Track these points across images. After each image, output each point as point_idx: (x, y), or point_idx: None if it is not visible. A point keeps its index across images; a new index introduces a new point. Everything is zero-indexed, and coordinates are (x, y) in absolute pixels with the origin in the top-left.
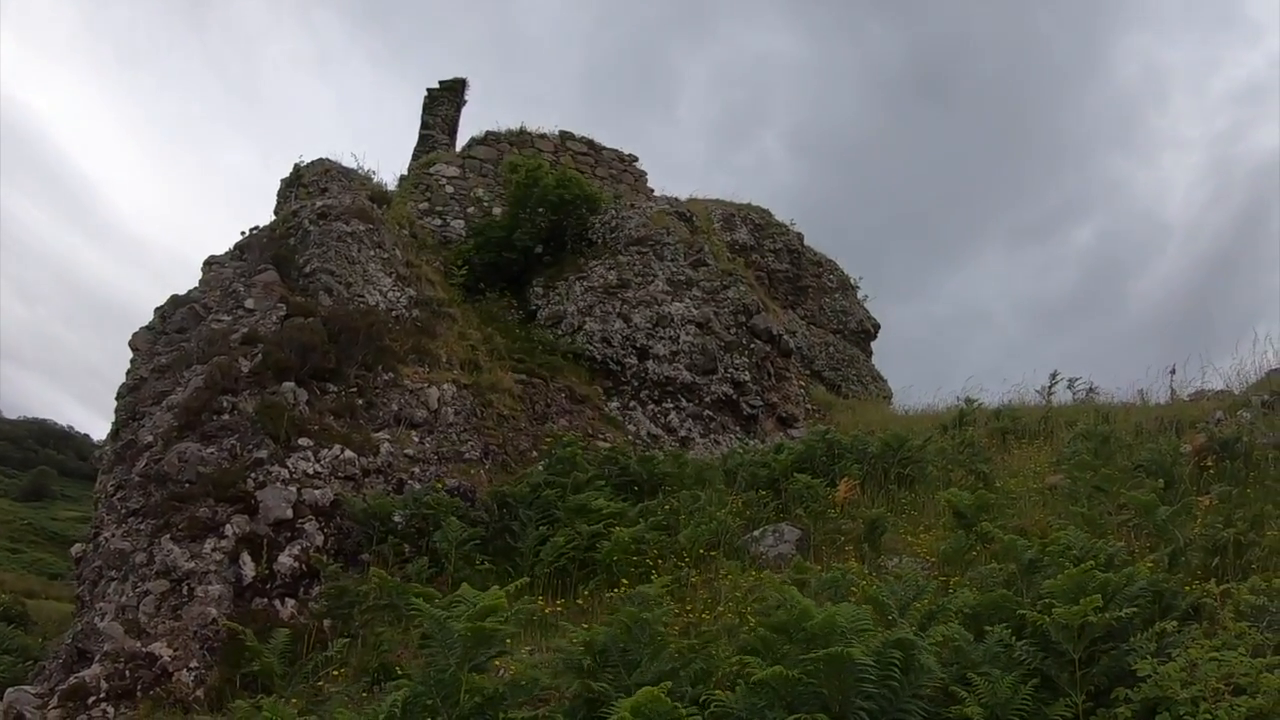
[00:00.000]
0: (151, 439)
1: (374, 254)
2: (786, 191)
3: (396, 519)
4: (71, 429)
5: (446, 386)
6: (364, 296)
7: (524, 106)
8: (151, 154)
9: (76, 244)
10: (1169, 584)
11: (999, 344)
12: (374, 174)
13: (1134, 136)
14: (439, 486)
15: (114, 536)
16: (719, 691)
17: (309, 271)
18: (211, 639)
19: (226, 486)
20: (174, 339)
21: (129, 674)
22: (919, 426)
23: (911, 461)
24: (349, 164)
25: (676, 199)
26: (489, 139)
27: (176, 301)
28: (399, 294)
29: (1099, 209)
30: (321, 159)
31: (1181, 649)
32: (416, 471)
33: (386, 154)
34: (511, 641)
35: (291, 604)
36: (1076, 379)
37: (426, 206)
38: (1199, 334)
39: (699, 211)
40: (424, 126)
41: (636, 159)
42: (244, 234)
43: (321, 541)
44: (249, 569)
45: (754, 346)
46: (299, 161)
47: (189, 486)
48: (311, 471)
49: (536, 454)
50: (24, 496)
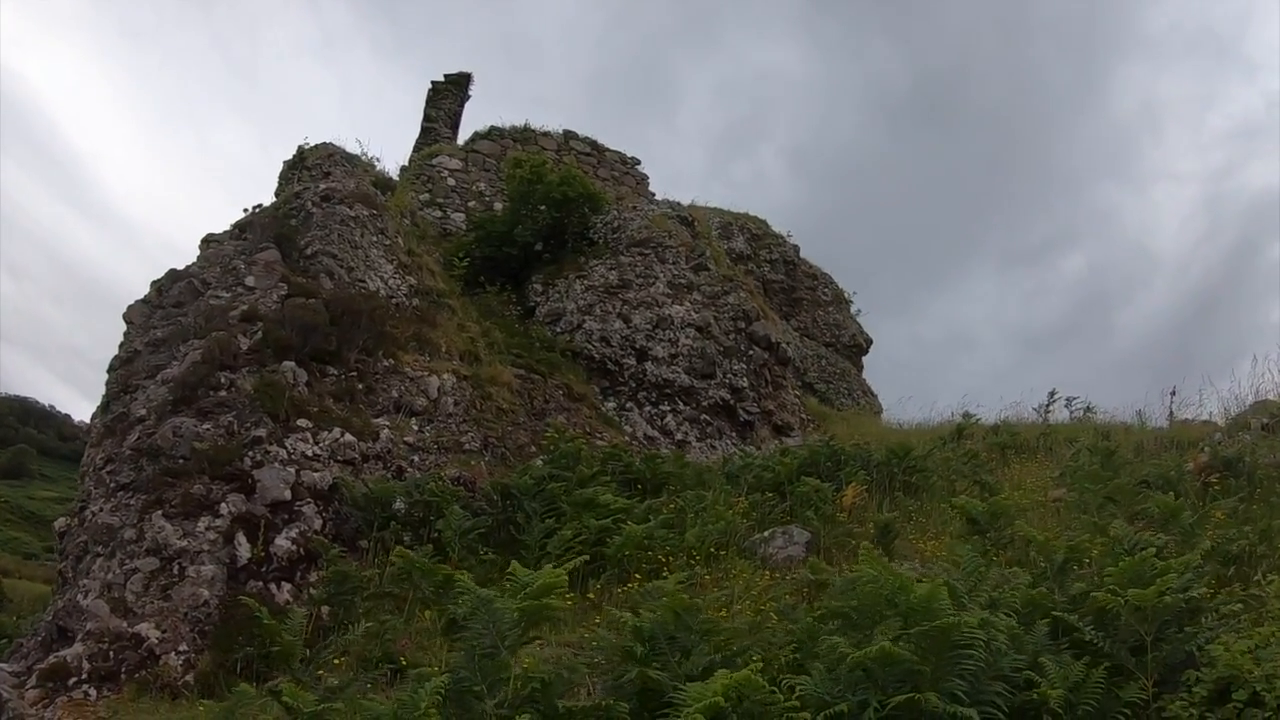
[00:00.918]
0: (144, 413)
1: (376, 240)
2: (782, 206)
3: (398, 506)
4: (53, 408)
5: (446, 376)
6: (365, 281)
7: (526, 106)
8: (148, 133)
9: (67, 221)
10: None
11: (984, 368)
12: (377, 161)
13: (1128, 167)
14: (441, 475)
15: (102, 511)
16: (791, 675)
17: (310, 253)
18: (202, 621)
19: (222, 464)
20: (170, 313)
21: (113, 655)
22: (916, 439)
23: (916, 470)
24: (353, 150)
25: (678, 203)
26: (493, 134)
27: (174, 276)
28: (399, 281)
29: (1090, 238)
30: (325, 143)
31: (1245, 632)
32: (416, 460)
33: (385, 144)
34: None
35: (288, 588)
36: (1074, 398)
37: (428, 198)
38: (1182, 368)
39: (697, 218)
40: (426, 119)
41: (639, 162)
42: (246, 212)
43: (320, 526)
44: (244, 550)
45: (752, 353)
46: (303, 144)
47: (183, 462)
48: (310, 454)
49: (535, 449)
50: (2, 475)
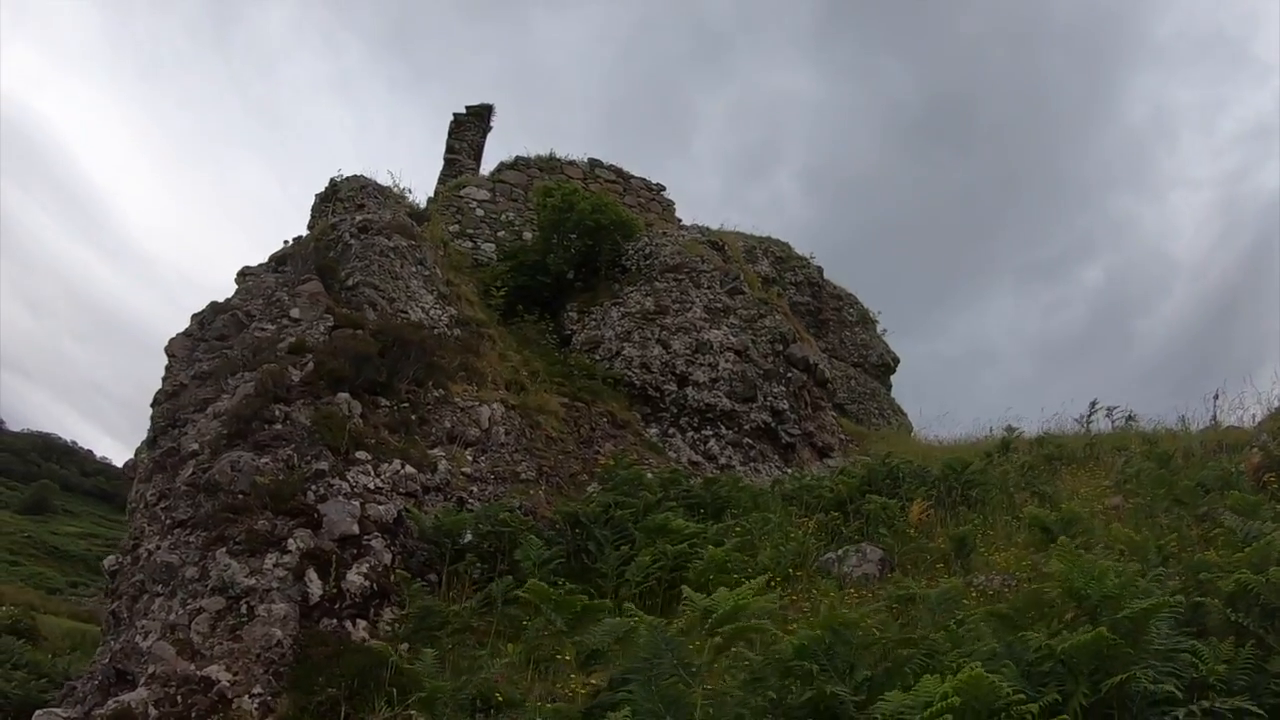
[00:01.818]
0: (197, 447)
1: (415, 270)
2: (798, 229)
3: (469, 537)
4: (75, 444)
5: (496, 406)
6: (407, 312)
7: (542, 137)
8: (166, 170)
9: (87, 258)
10: None
11: (1005, 382)
12: (409, 192)
13: (1143, 176)
14: (508, 505)
15: (160, 549)
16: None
17: (351, 285)
18: (276, 662)
19: (285, 498)
20: (214, 346)
21: (181, 699)
22: (962, 455)
23: (976, 484)
24: (384, 182)
25: (707, 228)
26: (519, 164)
27: (216, 308)
28: (440, 312)
29: (1107, 248)
30: (357, 175)
31: None
32: (475, 490)
33: (405, 178)
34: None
35: (363, 625)
36: (1114, 407)
37: (457, 229)
38: (1204, 374)
39: (726, 242)
40: (449, 151)
41: (664, 188)
42: (286, 243)
43: (389, 560)
44: (316, 587)
45: (791, 375)
46: (336, 176)
47: (242, 498)
48: (372, 486)
49: (587, 477)
50: (25, 510)
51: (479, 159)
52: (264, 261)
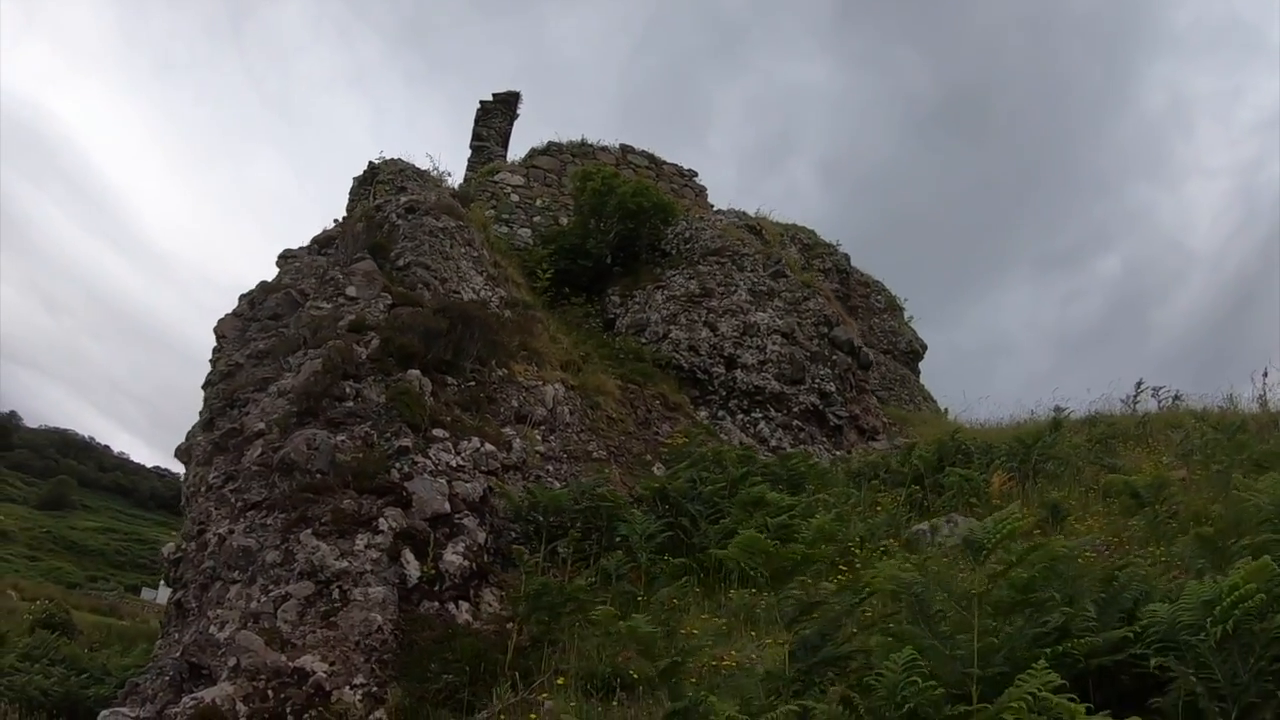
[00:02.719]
0: (263, 426)
1: (465, 251)
2: (815, 220)
3: (567, 514)
4: (93, 440)
5: (557, 386)
6: (459, 293)
7: (560, 129)
8: (183, 167)
9: (103, 256)
10: None
11: (1022, 374)
12: (448, 175)
13: (1160, 166)
14: (600, 481)
15: (234, 534)
16: None
17: (402, 265)
18: (378, 649)
19: (369, 476)
20: (267, 325)
21: (272, 694)
22: (1008, 436)
23: (1049, 457)
24: (423, 166)
25: (744, 212)
26: (551, 149)
27: (267, 288)
28: (490, 293)
29: (1125, 238)
30: (396, 158)
31: None
32: (550, 469)
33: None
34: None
35: (465, 607)
36: (1160, 387)
37: (493, 214)
38: (1223, 363)
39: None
40: (476, 138)
41: (696, 174)
42: (336, 221)
43: (482, 539)
44: (413, 568)
45: (836, 358)
46: (375, 160)
47: (321, 477)
48: (454, 464)
49: (650, 458)
50: (44, 505)
51: (506, 146)
52: (305, 245)
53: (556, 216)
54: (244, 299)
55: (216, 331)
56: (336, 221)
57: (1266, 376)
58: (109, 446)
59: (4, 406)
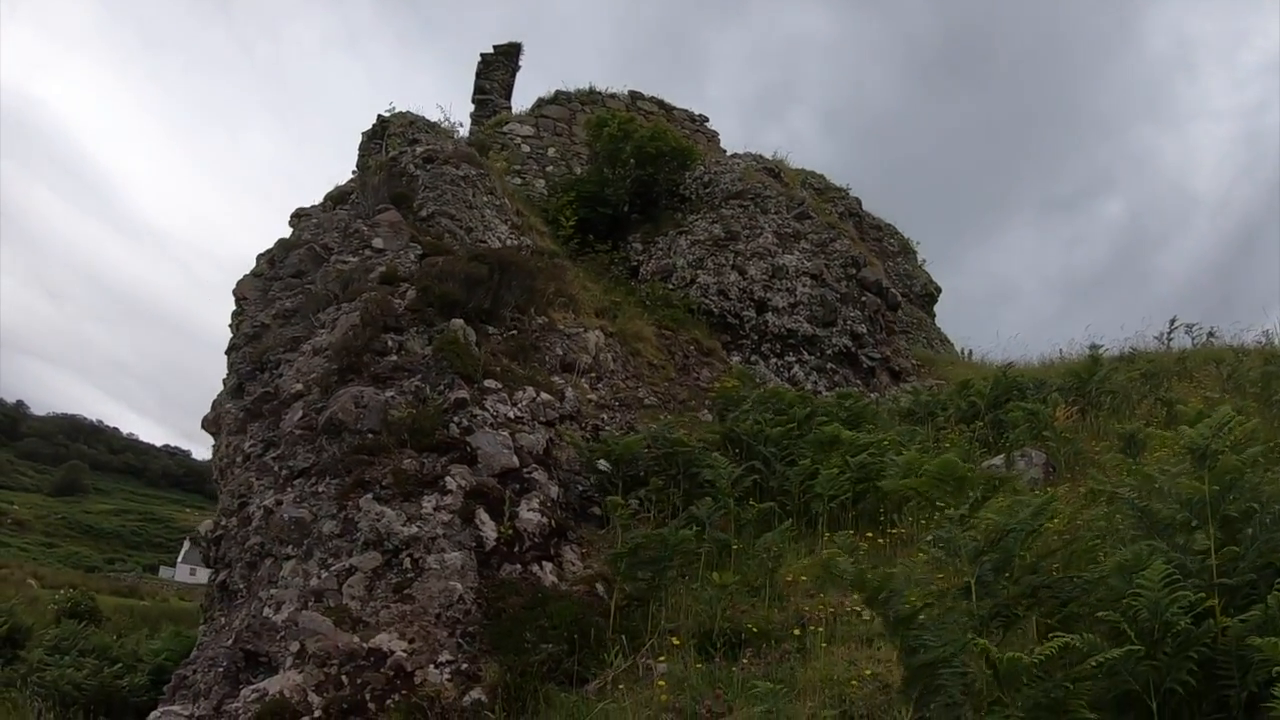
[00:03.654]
0: (301, 386)
1: (488, 200)
2: (817, 169)
3: (642, 462)
4: (101, 423)
5: (597, 333)
6: (486, 242)
7: (557, 83)
8: (177, 139)
9: (100, 239)
10: None
11: (1025, 319)
12: (460, 126)
13: (1164, 108)
14: (674, 425)
15: (282, 504)
16: None
17: (425, 215)
18: (461, 621)
19: (426, 433)
20: (290, 283)
21: (347, 680)
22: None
23: (1106, 391)
24: (434, 118)
25: (761, 155)
26: (559, 98)
27: (287, 245)
28: (515, 242)
29: (1128, 182)
30: (406, 111)
31: None
32: (605, 418)
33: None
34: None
35: (549, 568)
36: (1194, 324)
37: (504, 166)
38: (1226, 307)
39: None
40: (479, 91)
41: (707, 119)
42: (354, 173)
43: (554, 493)
44: (489, 530)
45: (865, 299)
46: (384, 113)
47: (372, 437)
48: (512, 416)
49: (695, 404)
50: (56, 491)
51: (509, 98)
52: (318, 203)
53: (570, 166)
54: (262, 258)
55: (236, 294)
56: (354, 173)
57: None
58: (118, 429)
59: (10, 396)
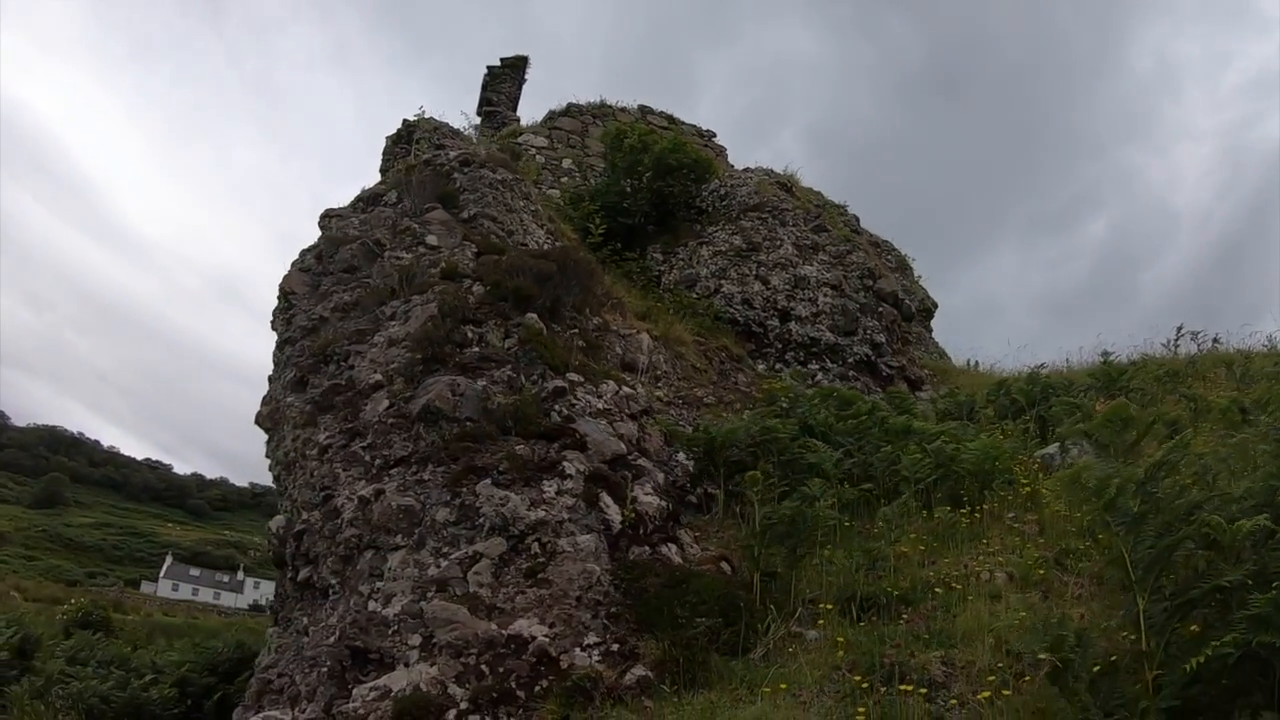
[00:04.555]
0: (380, 377)
1: (524, 205)
2: (812, 186)
3: (743, 448)
4: (82, 435)
5: (647, 336)
6: (526, 245)
7: (547, 102)
8: (163, 151)
9: (84, 248)
10: None
11: (1012, 336)
12: (483, 135)
13: (1148, 129)
14: (759, 417)
15: (384, 494)
16: None
17: (467, 217)
18: (602, 603)
19: (529, 421)
20: (343, 278)
21: (488, 669)
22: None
23: (1130, 389)
24: (457, 126)
25: (772, 170)
26: (571, 111)
27: (335, 241)
28: (551, 246)
29: (1112, 201)
30: (431, 117)
31: None
32: (673, 414)
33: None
34: None
35: (674, 549)
36: (1199, 331)
37: (534, 173)
38: (1209, 323)
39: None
40: (486, 103)
41: (714, 134)
42: (382, 178)
43: (661, 479)
44: (614, 513)
45: (882, 310)
46: (409, 118)
47: (472, 424)
48: (600, 407)
49: (740, 406)
50: (36, 504)
51: (515, 110)
52: (346, 205)
53: (585, 177)
54: (308, 253)
55: (283, 288)
56: (381, 175)
57: None
58: (99, 441)
59: None
